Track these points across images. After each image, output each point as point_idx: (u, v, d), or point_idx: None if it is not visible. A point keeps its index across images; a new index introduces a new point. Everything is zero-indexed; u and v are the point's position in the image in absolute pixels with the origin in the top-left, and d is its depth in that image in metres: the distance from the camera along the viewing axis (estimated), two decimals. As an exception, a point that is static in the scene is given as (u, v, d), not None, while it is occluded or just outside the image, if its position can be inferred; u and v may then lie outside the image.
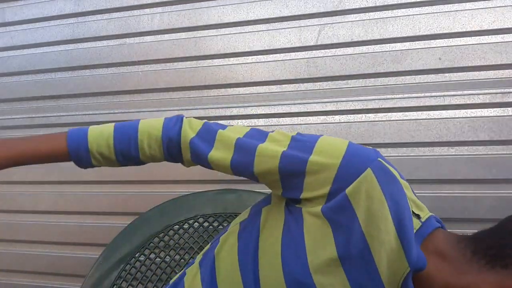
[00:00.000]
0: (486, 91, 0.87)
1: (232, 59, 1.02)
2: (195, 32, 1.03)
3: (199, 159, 0.55)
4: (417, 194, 0.91)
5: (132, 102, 1.09)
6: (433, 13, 0.90)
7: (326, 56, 0.96)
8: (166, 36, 1.05)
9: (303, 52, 0.98)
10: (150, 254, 0.83)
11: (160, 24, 1.06)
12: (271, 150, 0.51)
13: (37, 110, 1.17)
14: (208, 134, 0.55)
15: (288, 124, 0.98)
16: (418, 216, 0.50)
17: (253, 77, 1.00)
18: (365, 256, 0.46)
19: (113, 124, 0.58)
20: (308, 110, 0.97)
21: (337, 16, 0.95)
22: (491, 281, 0.41)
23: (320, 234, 0.48)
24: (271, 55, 0.99)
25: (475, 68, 0.88)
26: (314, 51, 0.97)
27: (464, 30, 0.88)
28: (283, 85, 0.99)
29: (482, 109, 0.88)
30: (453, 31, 0.89)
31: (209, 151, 0.54)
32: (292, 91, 0.98)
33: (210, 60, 1.03)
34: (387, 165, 0.48)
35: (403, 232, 0.46)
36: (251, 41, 1.00)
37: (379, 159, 0.48)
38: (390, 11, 0.92)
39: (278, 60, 0.99)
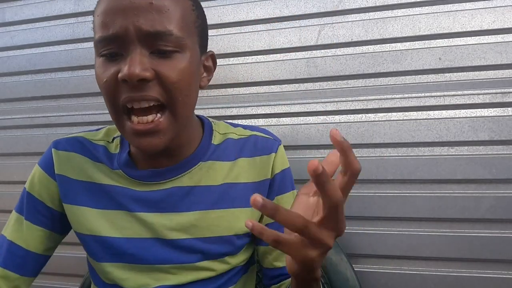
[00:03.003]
0: (486, 91, 0.87)
1: (232, 59, 1.02)
2: (195, 32, 1.03)
3: None
4: (417, 194, 0.91)
5: (132, 102, 1.08)
6: (433, 13, 0.90)
7: (326, 56, 0.96)
8: (166, 36, 1.05)
9: (303, 52, 0.97)
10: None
11: (160, 24, 1.06)
12: None
13: (37, 110, 1.17)
14: None
15: (288, 124, 0.98)
16: None
17: (253, 77, 1.00)
18: None
19: None
20: (308, 110, 0.97)
21: (337, 16, 0.95)
22: None
23: None
24: (271, 55, 0.99)
25: (475, 68, 0.88)
26: (314, 51, 0.97)
27: (464, 30, 0.88)
28: (283, 85, 0.99)
29: (482, 109, 0.88)
30: (453, 31, 0.89)
31: None
32: (292, 91, 0.98)
33: (210, 60, 1.03)
34: None
35: None
36: (251, 41, 1.00)
37: None
38: (390, 11, 0.92)
39: (278, 60, 0.99)
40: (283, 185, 0.63)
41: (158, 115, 0.49)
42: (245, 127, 0.67)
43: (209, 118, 0.66)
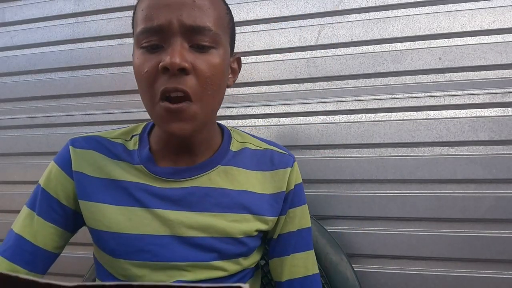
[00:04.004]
0: (486, 91, 0.87)
1: (232, 59, 1.02)
2: (195, 32, 1.03)
3: None
4: (417, 194, 0.91)
5: (132, 102, 1.09)
6: (433, 13, 0.90)
7: (326, 56, 0.96)
8: (166, 36, 1.05)
9: (303, 52, 0.98)
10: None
11: (160, 24, 1.06)
12: None
13: (37, 110, 1.17)
14: None
15: (288, 124, 0.98)
16: None
17: (253, 77, 1.00)
18: None
19: None
20: (308, 110, 0.97)
21: (337, 16, 0.95)
22: None
23: None
24: (271, 55, 0.99)
25: (475, 68, 0.88)
26: (314, 51, 0.97)
27: (464, 30, 0.88)
28: (283, 85, 0.99)
29: (482, 109, 0.88)
30: (453, 31, 0.89)
31: None
32: (292, 91, 0.98)
33: (210, 60, 1.03)
34: None
35: None
36: (251, 41, 1.00)
37: None
38: (390, 11, 0.92)
39: (278, 60, 0.99)
40: (296, 199, 0.66)
41: (189, 103, 0.52)
42: (261, 139, 0.69)
43: (227, 126, 0.69)
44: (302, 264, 0.66)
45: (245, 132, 0.70)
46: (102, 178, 0.60)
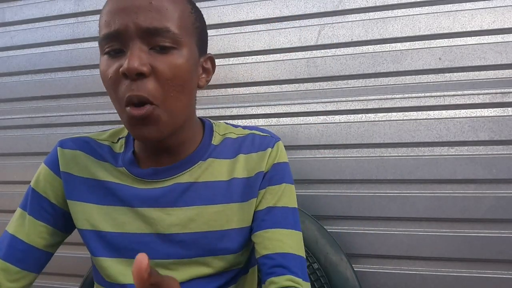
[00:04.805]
0: (486, 91, 0.87)
1: (232, 59, 1.02)
2: (195, 32, 1.03)
3: None
4: (417, 194, 0.91)
5: (132, 102, 1.08)
6: (433, 13, 0.90)
7: (326, 56, 0.96)
8: (166, 36, 1.05)
9: (303, 52, 0.98)
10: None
11: (160, 24, 1.06)
12: None
13: (37, 110, 1.17)
14: None
15: (288, 124, 0.98)
16: None
17: (253, 77, 1.00)
18: None
19: None
20: (308, 110, 0.97)
21: (337, 16, 0.95)
22: None
23: None
24: (271, 55, 0.99)
25: (475, 68, 0.88)
26: (314, 51, 0.97)
27: (464, 30, 0.88)
28: (283, 85, 0.99)
29: (482, 109, 0.88)
30: (453, 31, 0.89)
31: None
32: (292, 91, 0.98)
33: (210, 60, 1.03)
34: None
35: None
36: (251, 41, 1.00)
37: None
38: (390, 11, 0.92)
39: (278, 60, 0.99)
40: (276, 176, 0.63)
41: (153, 106, 0.51)
42: (244, 127, 0.68)
43: (211, 120, 0.68)
44: (285, 240, 0.60)
45: (231, 125, 0.69)
46: (88, 178, 0.61)
